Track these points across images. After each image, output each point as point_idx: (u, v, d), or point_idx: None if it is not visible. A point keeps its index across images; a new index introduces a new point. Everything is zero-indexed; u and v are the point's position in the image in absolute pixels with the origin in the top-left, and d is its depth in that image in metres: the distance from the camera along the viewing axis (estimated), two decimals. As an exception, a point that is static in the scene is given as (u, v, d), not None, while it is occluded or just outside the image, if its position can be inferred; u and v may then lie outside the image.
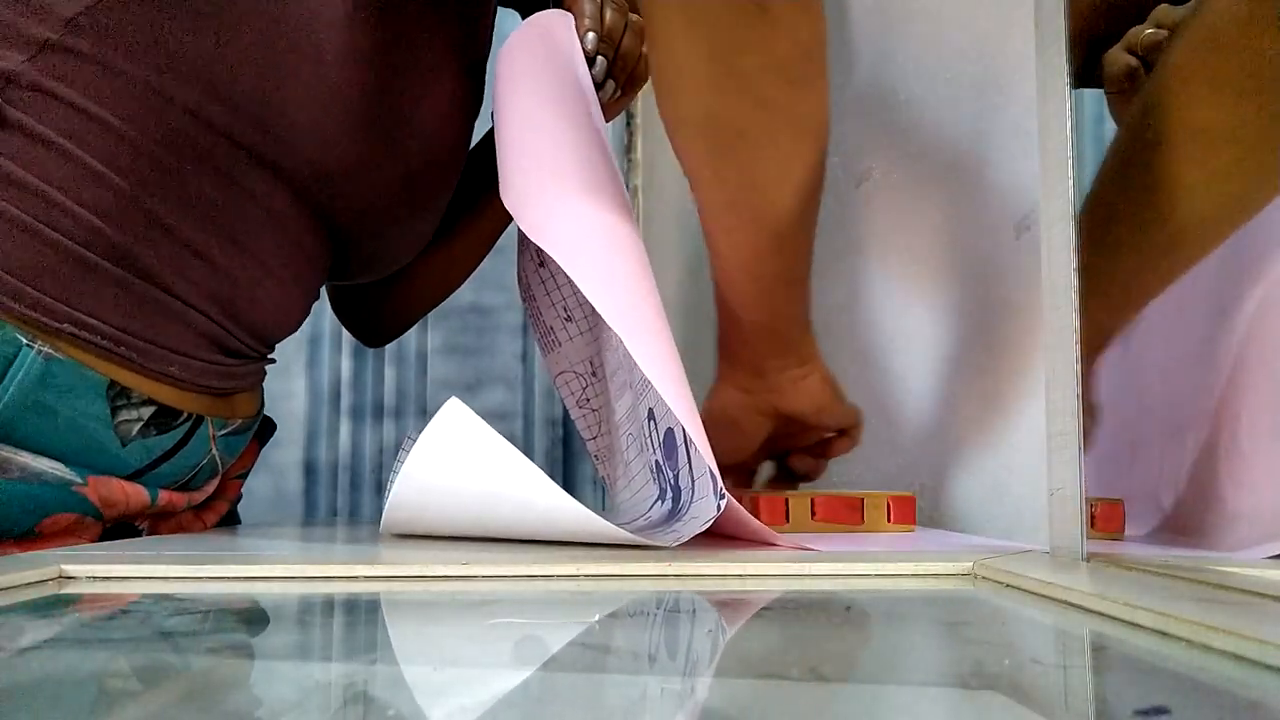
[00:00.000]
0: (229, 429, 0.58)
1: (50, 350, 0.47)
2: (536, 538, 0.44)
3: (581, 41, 0.56)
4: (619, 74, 0.60)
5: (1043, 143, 0.40)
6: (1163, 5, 0.56)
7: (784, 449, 0.61)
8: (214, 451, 0.58)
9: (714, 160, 0.46)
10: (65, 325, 0.47)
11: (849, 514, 0.54)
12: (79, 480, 0.49)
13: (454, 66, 0.59)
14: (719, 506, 0.41)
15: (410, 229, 0.63)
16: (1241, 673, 0.21)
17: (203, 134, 0.48)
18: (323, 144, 0.51)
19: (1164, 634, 0.24)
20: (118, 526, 0.54)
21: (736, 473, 0.61)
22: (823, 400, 0.56)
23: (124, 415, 0.51)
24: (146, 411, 0.52)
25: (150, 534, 0.57)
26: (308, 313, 0.64)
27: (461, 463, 0.42)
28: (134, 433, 0.51)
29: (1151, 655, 0.23)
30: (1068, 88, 0.39)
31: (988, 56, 0.59)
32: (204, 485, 0.60)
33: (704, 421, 0.55)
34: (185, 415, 0.54)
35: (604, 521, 0.40)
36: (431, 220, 0.65)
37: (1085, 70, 0.53)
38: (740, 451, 0.59)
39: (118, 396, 0.50)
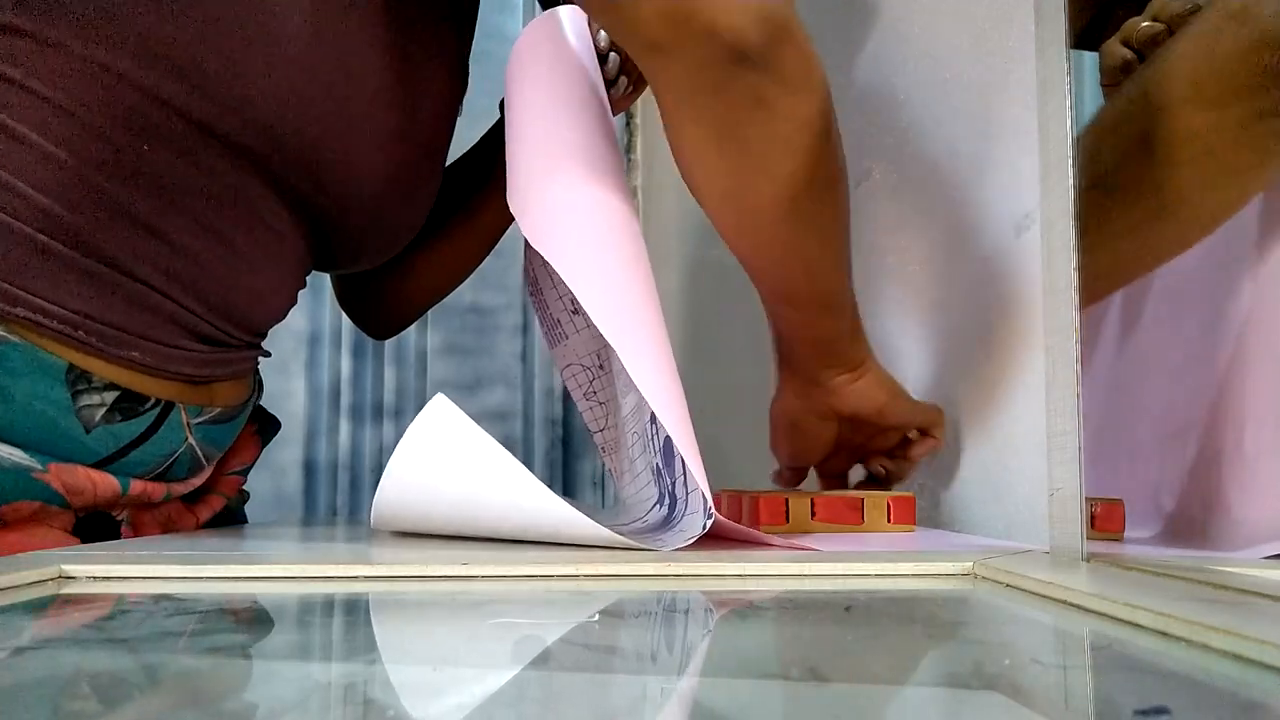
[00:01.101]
0: (206, 417, 0.57)
1: (4, 334, 0.46)
2: (521, 537, 0.44)
3: (594, 38, 0.56)
4: (631, 69, 0.60)
5: (1043, 143, 0.40)
6: None
7: (867, 452, 0.62)
8: (190, 440, 0.56)
9: (737, 228, 0.50)
10: (19, 309, 0.46)
11: (849, 514, 0.54)
12: (39, 467, 0.49)
13: (433, 52, 0.57)
14: (704, 526, 0.41)
15: (397, 216, 0.61)
16: (1241, 673, 0.21)
17: (158, 112, 0.47)
18: (287, 124, 0.50)
19: (1164, 634, 0.24)
20: (95, 516, 0.54)
21: (826, 476, 0.64)
22: (879, 401, 0.58)
23: (85, 400, 0.50)
24: (109, 396, 0.51)
25: (132, 525, 0.56)
26: (292, 300, 0.62)
27: (447, 459, 0.42)
28: (97, 419, 0.50)
29: (1151, 655, 0.23)
30: (1068, 87, 0.39)
31: (988, 56, 0.59)
32: (187, 477, 0.58)
33: (772, 425, 0.61)
34: (153, 401, 0.53)
35: (589, 522, 0.40)
36: (419, 207, 0.63)
37: (1092, 32, 0.54)
38: (809, 453, 0.61)
39: (77, 381, 0.49)
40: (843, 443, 0.61)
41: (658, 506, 0.52)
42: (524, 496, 0.41)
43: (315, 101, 0.50)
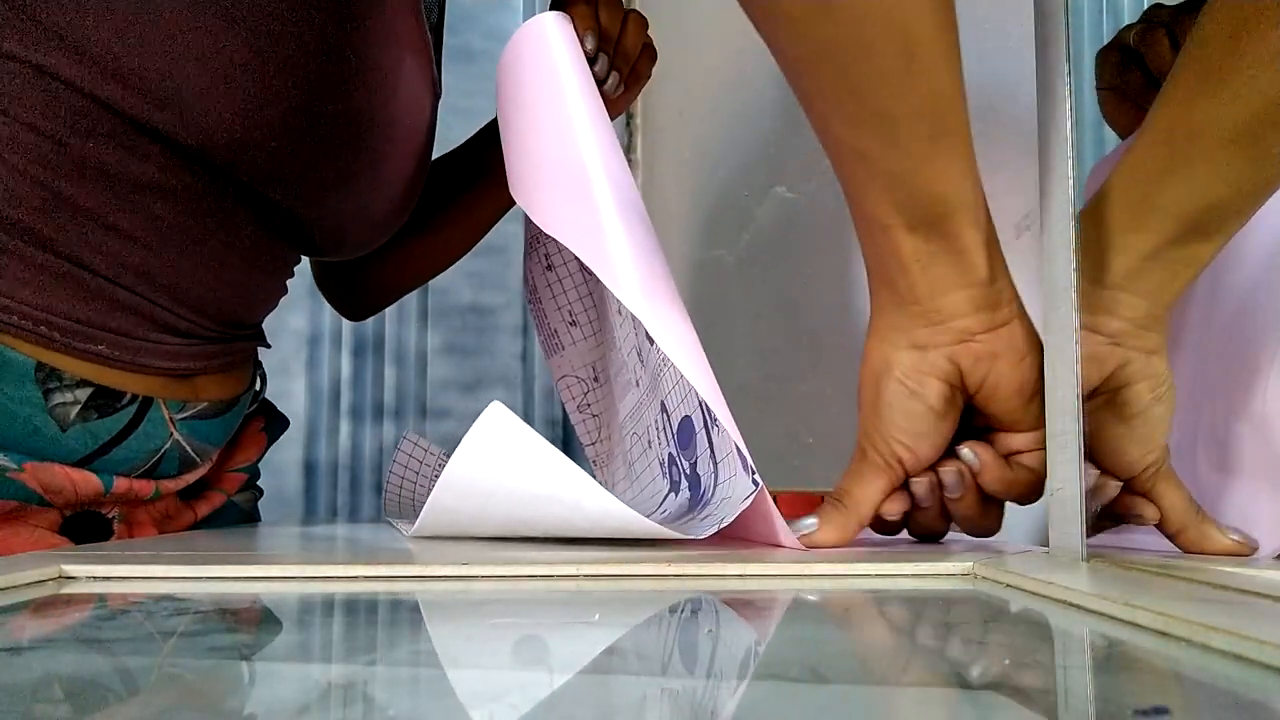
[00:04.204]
0: (191, 412, 0.56)
1: None
2: (576, 535, 0.45)
3: (582, 41, 0.56)
4: (621, 66, 0.60)
5: (1043, 143, 0.40)
6: (1155, 2, 0.57)
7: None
8: (176, 436, 0.56)
9: None
10: None
11: (808, 511, 0.54)
12: (14, 466, 0.49)
13: (396, 52, 0.56)
14: (756, 482, 0.41)
15: (369, 205, 0.60)
16: (1241, 673, 0.21)
17: (98, 111, 0.46)
18: (231, 129, 0.49)
19: (1164, 634, 0.24)
20: (84, 515, 0.53)
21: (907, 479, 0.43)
22: (1027, 371, 0.40)
23: (58, 399, 0.49)
24: (82, 394, 0.50)
25: (125, 522, 0.56)
26: (274, 291, 0.62)
27: (505, 465, 0.42)
28: (72, 416, 0.50)
29: (1151, 655, 0.23)
30: (1068, 88, 0.39)
31: (988, 56, 0.59)
32: (179, 474, 0.58)
33: (868, 405, 0.43)
34: (129, 397, 0.52)
35: (645, 520, 0.41)
36: (397, 196, 0.62)
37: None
38: (926, 441, 0.41)
39: (48, 379, 0.49)
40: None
41: (672, 495, 0.52)
42: (585, 498, 0.41)
43: (258, 110, 0.49)
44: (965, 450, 0.42)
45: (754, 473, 0.41)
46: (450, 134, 0.71)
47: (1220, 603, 0.27)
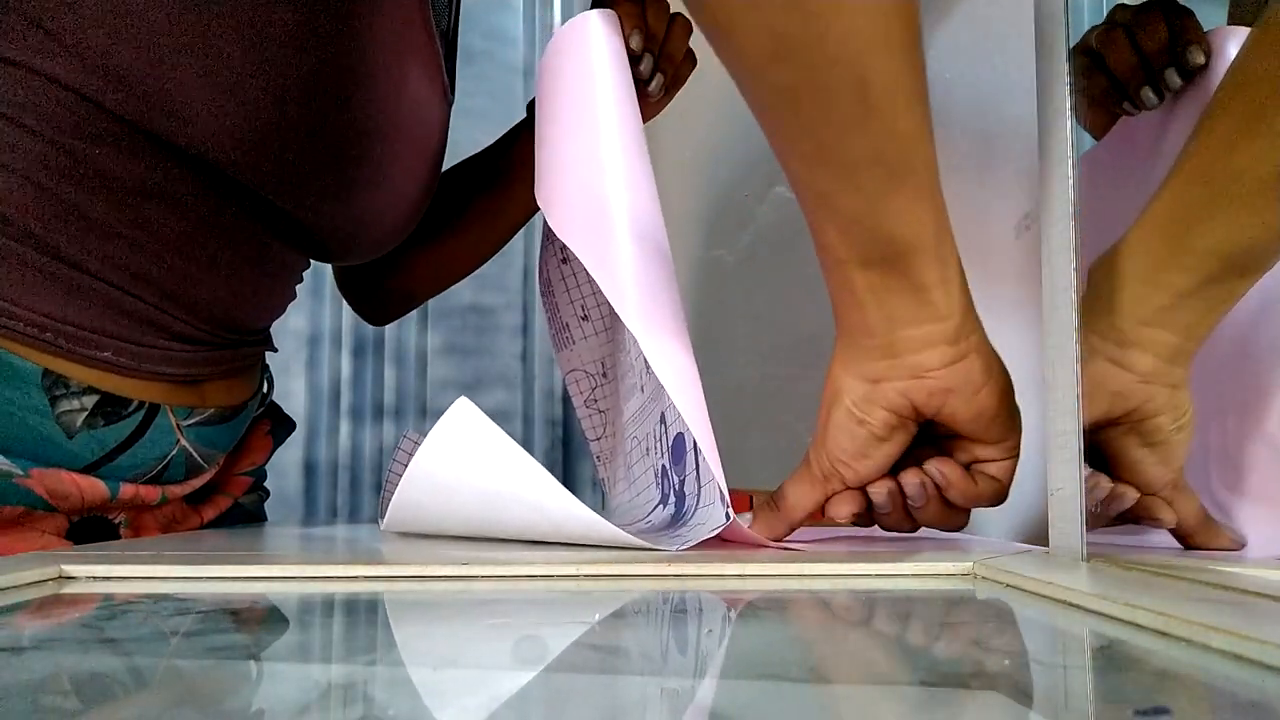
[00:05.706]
0: (198, 419, 0.56)
1: None
2: (540, 539, 0.45)
3: (627, 41, 0.56)
4: (666, 68, 0.60)
5: (1043, 143, 0.40)
6: (1120, 2, 0.56)
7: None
8: (183, 443, 0.56)
9: (779, 34, 0.34)
10: None
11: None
12: (20, 472, 0.48)
13: (401, 56, 0.56)
14: (727, 515, 0.41)
15: (377, 211, 0.60)
16: (1241, 673, 0.21)
17: (97, 115, 0.46)
18: (227, 132, 0.48)
19: (1164, 634, 0.24)
20: (90, 520, 0.53)
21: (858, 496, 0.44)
22: (986, 400, 0.41)
23: (64, 406, 0.49)
24: (89, 401, 0.50)
25: (132, 527, 0.56)
26: (283, 297, 0.61)
27: (468, 462, 0.42)
28: (79, 424, 0.50)
29: (1151, 655, 0.23)
30: (1068, 88, 0.39)
31: (988, 56, 0.59)
32: (186, 479, 0.58)
33: (821, 424, 0.44)
34: (136, 404, 0.52)
35: (609, 525, 0.41)
36: (406, 202, 0.61)
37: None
38: (868, 461, 0.43)
39: (54, 386, 0.49)
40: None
41: (660, 507, 0.52)
42: (546, 500, 0.41)
43: (256, 117, 0.48)
44: (931, 467, 0.43)
45: (728, 506, 0.41)
46: (451, 134, 0.71)
47: (1220, 603, 0.27)
